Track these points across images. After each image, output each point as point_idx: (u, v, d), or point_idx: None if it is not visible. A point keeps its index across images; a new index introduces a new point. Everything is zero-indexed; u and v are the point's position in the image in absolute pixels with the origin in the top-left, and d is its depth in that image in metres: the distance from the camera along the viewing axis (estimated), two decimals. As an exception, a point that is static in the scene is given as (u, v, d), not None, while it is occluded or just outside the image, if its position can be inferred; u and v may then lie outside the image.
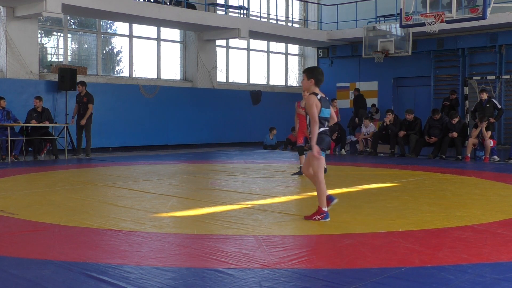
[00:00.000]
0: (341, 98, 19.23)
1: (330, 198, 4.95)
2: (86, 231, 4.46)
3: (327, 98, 4.95)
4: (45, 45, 14.47)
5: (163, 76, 16.33)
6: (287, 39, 18.26)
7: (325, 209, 4.89)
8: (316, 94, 4.79)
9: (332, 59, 19.56)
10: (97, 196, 6.31)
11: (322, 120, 4.80)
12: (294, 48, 20.40)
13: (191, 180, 8.16)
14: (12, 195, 6.47)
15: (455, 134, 11.70)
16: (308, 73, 4.86)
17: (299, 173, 8.42)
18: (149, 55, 16.06)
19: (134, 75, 15.51)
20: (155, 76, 16.11)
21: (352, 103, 17.84)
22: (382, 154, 13.08)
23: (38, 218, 4.97)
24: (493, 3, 12.06)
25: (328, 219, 4.89)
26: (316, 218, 4.87)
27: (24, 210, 5.40)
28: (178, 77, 16.81)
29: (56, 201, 6.00)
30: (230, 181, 7.89)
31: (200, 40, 16.42)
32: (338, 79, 19.21)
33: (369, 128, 13.69)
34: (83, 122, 12.10)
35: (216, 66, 17.05)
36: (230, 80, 18.24)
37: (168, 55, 16.56)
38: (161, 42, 16.24)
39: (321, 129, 4.80)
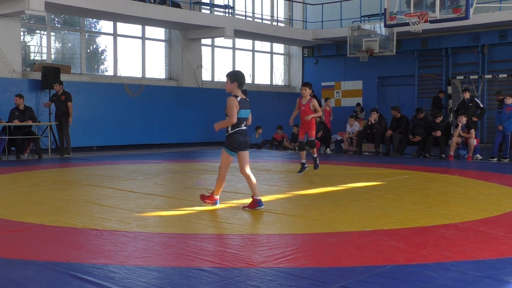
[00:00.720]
0: (326, 97, 19.29)
1: (258, 203, 5.38)
2: (70, 231, 4.42)
3: (247, 100, 5.47)
4: (28, 44, 14.30)
5: (148, 75, 16.25)
6: (272, 38, 18.28)
7: (217, 197, 5.57)
8: (236, 97, 5.35)
9: (317, 58, 19.62)
10: (81, 196, 6.26)
11: (238, 121, 5.34)
12: (279, 47, 20.43)
13: (176, 179, 8.12)
14: (-6, 195, 6.39)
15: (438, 133, 11.82)
16: (231, 77, 5.40)
17: (303, 168, 8.45)
18: (134, 53, 15.96)
19: (118, 74, 15.40)
20: (140, 75, 16.02)
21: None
22: (367, 153, 13.16)
23: (22, 218, 4.92)
24: (476, 4, 12.19)
25: (217, 205, 5.52)
26: (207, 202, 5.55)
27: (7, 210, 5.33)
28: (163, 76, 16.73)
29: (40, 200, 5.94)
30: (216, 180, 7.86)
31: (185, 39, 16.36)
32: (323, 79, 19.29)
33: (354, 127, 13.77)
34: (71, 120, 12.02)
35: (201, 65, 17.00)
36: (216, 79, 18.21)
37: (153, 54, 16.48)
38: (146, 41, 16.15)
39: (236, 128, 5.35)
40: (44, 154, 11.92)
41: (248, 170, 5.44)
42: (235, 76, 5.38)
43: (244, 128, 5.41)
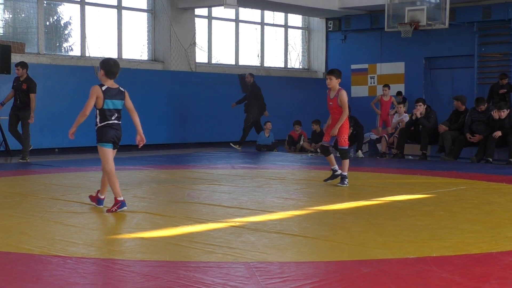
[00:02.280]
0: (356, 84, 19.31)
1: (99, 201, 6.44)
2: (24, 258, 4.43)
3: (122, 90, 6.43)
4: (-31, 15, 14.40)
5: (126, 55, 16.31)
6: (287, 7, 18.29)
7: (121, 198, 6.23)
8: (101, 86, 6.27)
9: (345, 33, 19.61)
10: (38, 212, 6.26)
11: (107, 112, 6.29)
12: (296, 19, 20.43)
13: (162, 191, 8.13)
14: None
15: (498, 134, 11.72)
16: (101, 64, 6.36)
17: (333, 176, 8.39)
18: (108, 28, 16.02)
19: (87, 54, 15.46)
20: (115, 56, 16.08)
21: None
22: (410, 157, 13.13)
23: (-39, 241, 4.95)
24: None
25: (126, 207, 6.21)
26: (114, 210, 6.18)
27: None
28: (145, 56, 16.79)
29: (-15, 218, 5.96)
30: (213, 191, 7.89)
31: (174, 9, 16.40)
32: (354, 60, 19.28)
33: (402, 117, 13.58)
34: (32, 119, 11.88)
35: (194, 43, 17.04)
36: (213, 61, 18.24)
37: (132, 28, 16.53)
38: (123, 11, 16.22)
39: (105, 122, 6.30)
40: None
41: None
42: (105, 64, 6.34)
43: (116, 122, 6.37)
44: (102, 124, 6.31)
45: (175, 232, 5.32)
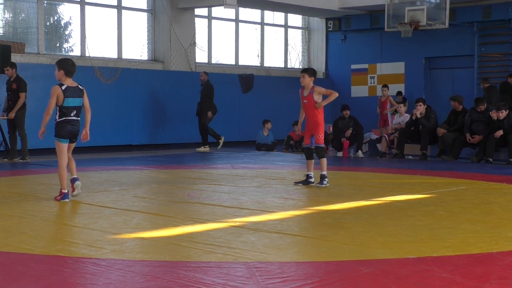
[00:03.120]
0: (356, 85, 19.30)
1: (65, 196, 6.88)
2: (24, 258, 4.43)
3: (81, 88, 7.03)
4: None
5: (126, 55, 16.31)
6: (287, 7, 18.29)
7: (65, 190, 6.88)
8: (61, 85, 6.83)
9: (345, 33, 19.61)
10: (39, 212, 6.27)
11: (65, 110, 6.84)
12: (296, 19, 20.44)
13: (162, 191, 8.14)
14: None
15: (499, 133, 11.73)
16: (58, 64, 6.96)
17: (306, 181, 8.40)
18: (108, 28, 16.02)
19: (87, 54, 15.46)
20: (115, 56, 16.08)
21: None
22: (410, 157, 13.13)
23: (-38, 241, 4.95)
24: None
25: (68, 199, 6.84)
26: (58, 199, 6.85)
27: None
28: (145, 56, 16.79)
29: (-15, 218, 5.97)
30: (214, 191, 7.89)
31: (173, 9, 16.40)
32: (354, 60, 19.28)
33: (403, 117, 13.58)
34: (11, 115, 11.85)
35: (194, 43, 17.04)
36: (213, 61, 18.24)
37: (132, 28, 16.53)
38: (123, 11, 16.22)
39: (64, 117, 6.84)
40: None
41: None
42: (62, 64, 6.94)
43: (74, 118, 6.93)
44: (61, 119, 6.87)
45: (175, 232, 5.33)
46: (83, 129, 7.04)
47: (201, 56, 17.73)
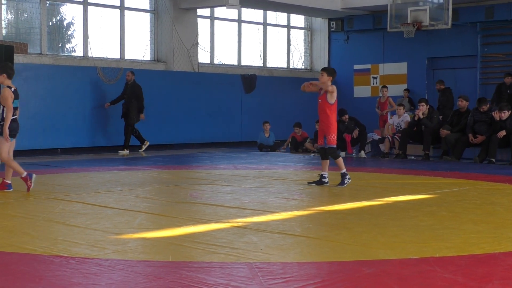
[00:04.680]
0: (359, 85, 19.28)
1: (30, 175, 7.66)
2: (26, 258, 4.44)
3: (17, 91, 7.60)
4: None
5: (128, 55, 16.32)
6: (289, 7, 18.28)
7: (9, 181, 7.68)
8: (10, 87, 7.46)
9: (348, 33, 19.59)
10: (41, 213, 6.29)
11: (13, 110, 7.46)
12: (298, 20, 20.43)
13: (164, 191, 8.15)
14: None
15: (503, 133, 11.72)
16: (3, 69, 7.50)
17: (320, 181, 8.37)
18: (110, 28, 16.03)
19: (90, 55, 15.47)
20: (117, 56, 16.09)
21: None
22: (413, 157, 13.12)
23: (-36, 241, 4.97)
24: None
25: (11, 189, 7.63)
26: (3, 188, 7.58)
27: None
28: (147, 57, 16.79)
29: (-12, 219, 5.98)
30: (216, 192, 7.90)
31: (176, 9, 16.41)
32: (356, 60, 19.26)
33: (402, 117, 13.58)
34: None
35: (197, 43, 17.04)
36: (216, 61, 18.24)
37: (135, 28, 16.54)
38: (126, 11, 16.23)
39: (13, 117, 7.47)
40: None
41: (11, 156, 7.68)
42: (4, 67, 7.53)
43: (17, 117, 7.60)
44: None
45: (177, 232, 5.34)
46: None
47: (203, 57, 17.74)
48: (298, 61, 20.67)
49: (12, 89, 7.49)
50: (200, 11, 17.25)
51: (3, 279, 3.92)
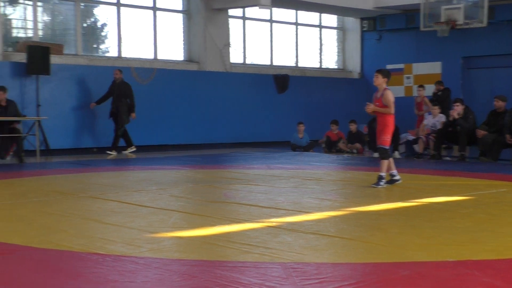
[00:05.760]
0: (392, 85, 19.04)
1: None
2: (64, 255, 4.51)
3: None
4: (9, 17, 14.68)
5: (161, 56, 16.44)
6: (321, 7, 18.22)
7: None
8: None
9: (380, 33, 19.46)
10: (78, 211, 6.37)
11: None
12: (331, 19, 20.35)
13: (198, 191, 8.19)
14: (-31, 209, 6.58)
15: None
16: None
17: (391, 181, 8.32)
18: (143, 29, 16.17)
19: (123, 55, 15.63)
20: (151, 56, 16.22)
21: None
22: (448, 158, 12.97)
23: (4, 238, 5.05)
24: None
25: None
26: None
27: (-15, 228, 5.50)
28: (180, 57, 16.89)
29: (26, 216, 6.08)
30: (250, 192, 7.90)
31: (208, 9, 16.47)
32: (389, 60, 19.11)
33: (438, 118, 13.42)
34: None
35: (229, 43, 17.08)
36: (248, 61, 18.27)
37: (168, 29, 16.65)
38: (158, 12, 16.35)
39: None
40: (31, 156, 12.21)
41: None
42: None
43: None
44: None
45: (211, 231, 5.35)
46: None
47: (235, 57, 17.78)
48: (330, 61, 20.61)
49: None
50: (231, 11, 17.30)
51: (42, 275, 3.98)
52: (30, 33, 14.56)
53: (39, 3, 14.64)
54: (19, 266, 4.22)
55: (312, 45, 19.97)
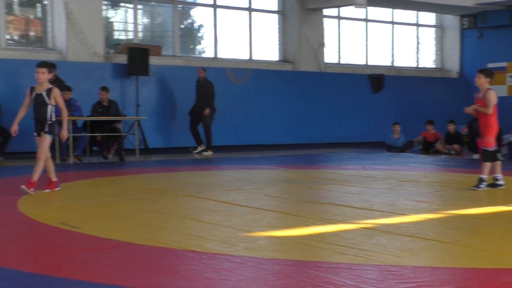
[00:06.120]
0: (495, 84, 18.39)
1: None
2: (162, 252, 4.63)
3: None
4: (111, 20, 15.24)
5: (256, 56, 16.58)
6: (418, 5, 17.83)
7: (56, 179, 7.60)
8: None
9: (481, 30, 18.83)
10: (175, 209, 6.53)
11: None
12: (428, 17, 19.87)
13: (293, 191, 8.21)
14: (74, 204, 6.89)
15: None
16: (51, 66, 7.65)
17: (493, 184, 8.08)
18: (239, 30, 16.37)
19: (219, 56, 15.88)
20: (246, 57, 16.40)
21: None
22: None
23: (105, 233, 5.25)
24: None
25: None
26: (49, 189, 7.56)
27: (89, 223, 5.72)
28: (275, 57, 16.98)
29: (126, 213, 6.30)
30: (344, 192, 7.85)
31: (303, 9, 16.48)
32: (491, 58, 18.45)
33: None
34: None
35: (324, 43, 17.02)
36: (342, 61, 18.13)
37: (263, 29, 16.78)
38: (254, 13, 16.51)
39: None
40: (131, 155, 12.64)
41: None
42: (54, 66, 8.15)
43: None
44: (54, 119, 7.57)
45: (306, 232, 5.34)
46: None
47: (330, 57, 17.69)
48: (428, 60, 20.14)
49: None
50: (326, 11, 17.23)
51: (141, 270, 4.11)
52: (130, 35, 15.06)
53: (139, 6, 15.11)
54: (119, 262, 4.38)
55: (408, 44, 19.59)
